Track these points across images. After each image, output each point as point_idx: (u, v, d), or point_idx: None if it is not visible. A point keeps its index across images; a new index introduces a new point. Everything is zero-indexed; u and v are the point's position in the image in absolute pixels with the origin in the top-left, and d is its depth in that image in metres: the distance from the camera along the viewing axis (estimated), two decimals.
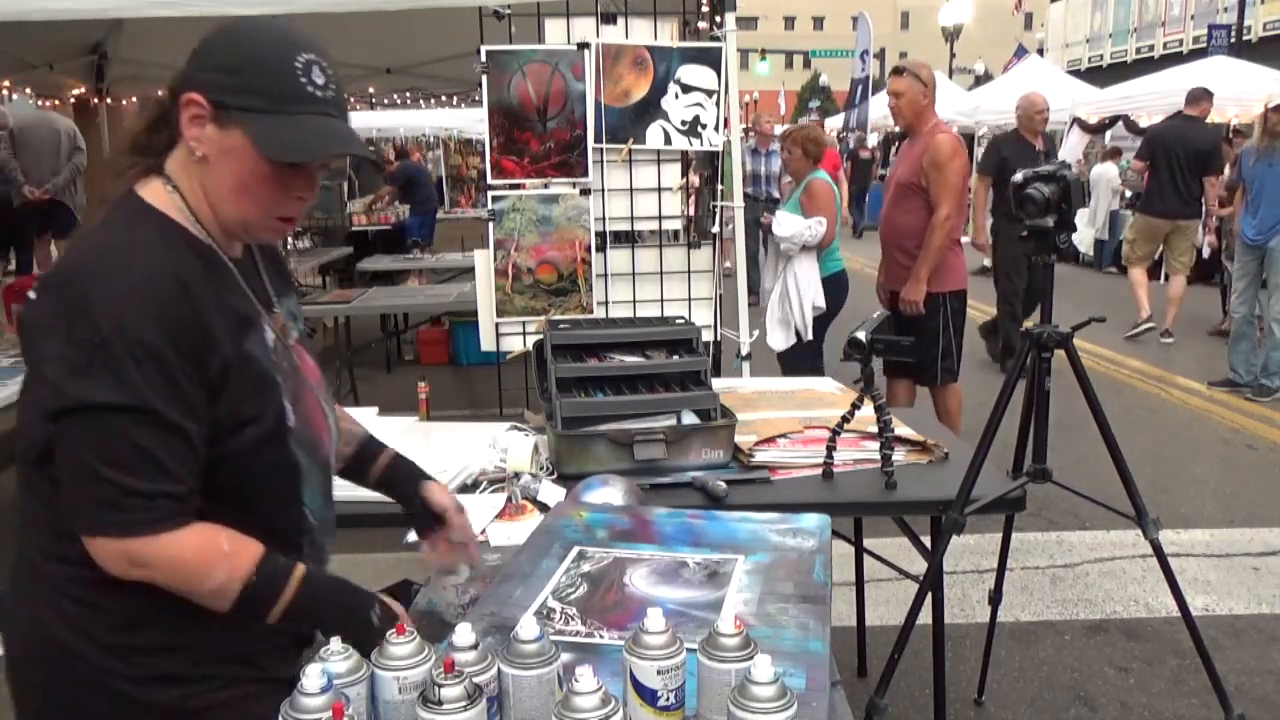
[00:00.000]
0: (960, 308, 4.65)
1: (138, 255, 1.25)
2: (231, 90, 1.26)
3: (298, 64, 1.27)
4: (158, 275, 1.24)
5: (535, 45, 3.82)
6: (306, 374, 1.45)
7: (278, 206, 1.33)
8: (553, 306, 3.89)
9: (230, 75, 1.26)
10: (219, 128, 1.27)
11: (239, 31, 1.30)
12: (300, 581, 1.33)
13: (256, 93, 1.26)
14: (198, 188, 1.32)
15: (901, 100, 4.59)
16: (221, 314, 1.29)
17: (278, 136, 1.26)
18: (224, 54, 1.28)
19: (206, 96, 1.26)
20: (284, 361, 1.39)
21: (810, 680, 1.28)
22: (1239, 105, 13.55)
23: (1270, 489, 5.11)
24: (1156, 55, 24.69)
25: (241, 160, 1.28)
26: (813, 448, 2.53)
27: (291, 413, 1.36)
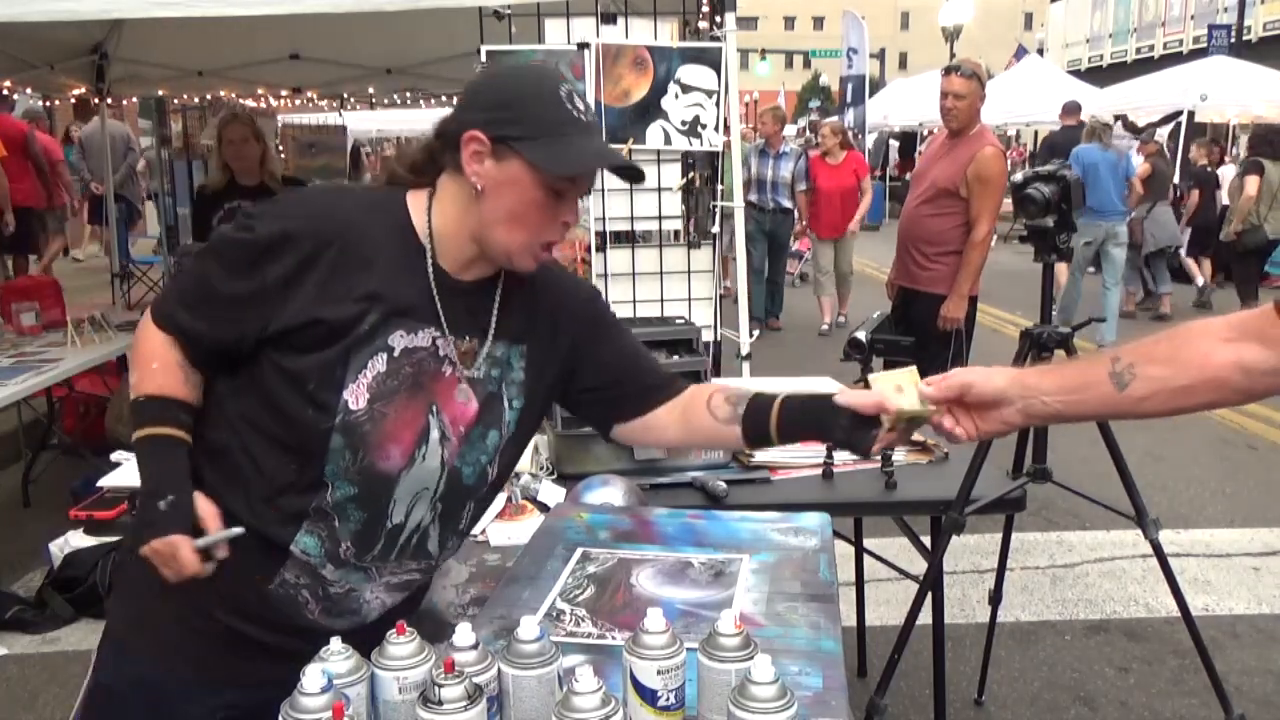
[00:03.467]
0: (972, 313, 4.63)
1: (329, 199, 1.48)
2: (508, 123, 1.36)
3: (562, 93, 1.39)
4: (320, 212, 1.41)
5: (535, 45, 3.82)
6: (439, 400, 1.44)
7: (544, 232, 1.43)
8: None
9: (505, 110, 1.37)
10: (497, 161, 1.37)
11: (505, 71, 1.49)
12: (156, 435, 1.42)
13: (531, 122, 1.36)
14: (457, 212, 1.42)
15: (963, 103, 4.38)
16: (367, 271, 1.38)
17: (555, 156, 1.36)
18: (496, 92, 1.40)
19: (485, 132, 1.36)
20: (411, 367, 1.41)
21: (827, 679, 1.28)
22: (1239, 105, 13.57)
23: (1270, 489, 5.11)
24: (1156, 55, 24.70)
25: (518, 188, 1.37)
26: (813, 447, 2.52)
27: (362, 400, 1.38)
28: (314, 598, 1.46)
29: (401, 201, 1.45)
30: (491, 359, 1.49)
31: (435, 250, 1.43)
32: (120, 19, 5.42)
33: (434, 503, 1.48)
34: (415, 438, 1.43)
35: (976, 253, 4.42)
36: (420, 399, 1.42)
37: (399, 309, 1.40)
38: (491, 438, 1.50)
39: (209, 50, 6.16)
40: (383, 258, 1.40)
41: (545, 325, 1.55)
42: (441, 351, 1.44)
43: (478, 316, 1.48)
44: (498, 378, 1.50)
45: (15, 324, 4.72)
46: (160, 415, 1.42)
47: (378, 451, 1.40)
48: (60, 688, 3.17)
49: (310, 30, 5.61)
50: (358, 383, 1.37)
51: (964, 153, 4.42)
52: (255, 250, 1.37)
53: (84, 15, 3.63)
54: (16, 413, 5.04)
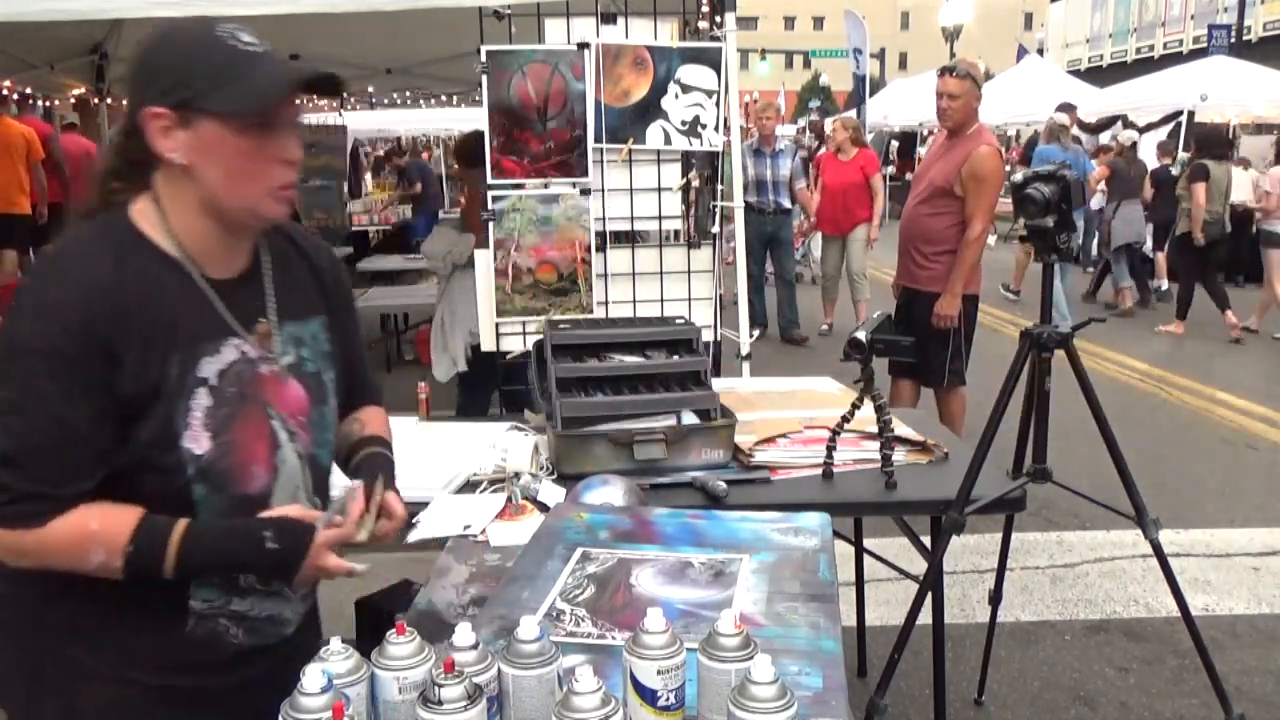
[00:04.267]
0: (973, 312, 4.63)
1: (72, 271, 1.31)
2: (178, 86, 1.29)
3: (221, 33, 1.31)
4: (75, 289, 1.29)
5: (535, 45, 3.81)
6: (271, 401, 1.41)
7: (270, 177, 1.36)
8: (553, 306, 3.88)
9: (169, 75, 1.30)
10: (187, 128, 1.31)
11: (157, 38, 1.35)
12: (182, 537, 1.31)
13: (200, 75, 1.29)
14: (183, 201, 1.35)
15: (958, 103, 4.43)
16: (149, 325, 1.31)
17: (237, 96, 1.29)
18: (155, 62, 1.33)
19: (162, 105, 1.30)
20: (233, 387, 1.37)
21: (827, 679, 1.28)
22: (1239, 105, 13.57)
23: (1270, 489, 5.11)
24: (1156, 55, 24.70)
25: (221, 146, 1.31)
26: (813, 448, 2.53)
27: (205, 442, 1.33)
28: (235, 625, 1.43)
29: (129, 226, 1.35)
30: (293, 340, 1.47)
31: (191, 258, 1.37)
32: (120, 19, 5.42)
33: (310, 497, 1.49)
34: (269, 449, 1.41)
35: (970, 251, 4.43)
36: (255, 410, 1.40)
37: (196, 338, 1.35)
38: (328, 415, 1.52)
39: None
40: (151, 297, 1.32)
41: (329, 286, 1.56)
42: (250, 355, 1.40)
43: (256, 304, 1.44)
44: (311, 355, 1.49)
45: None
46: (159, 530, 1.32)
47: (242, 479, 1.38)
48: None
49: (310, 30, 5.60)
50: (191, 428, 1.33)
51: (960, 152, 4.44)
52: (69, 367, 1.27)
53: (84, 15, 3.63)
54: None
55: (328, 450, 1.53)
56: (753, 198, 8.25)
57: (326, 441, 1.52)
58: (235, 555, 1.37)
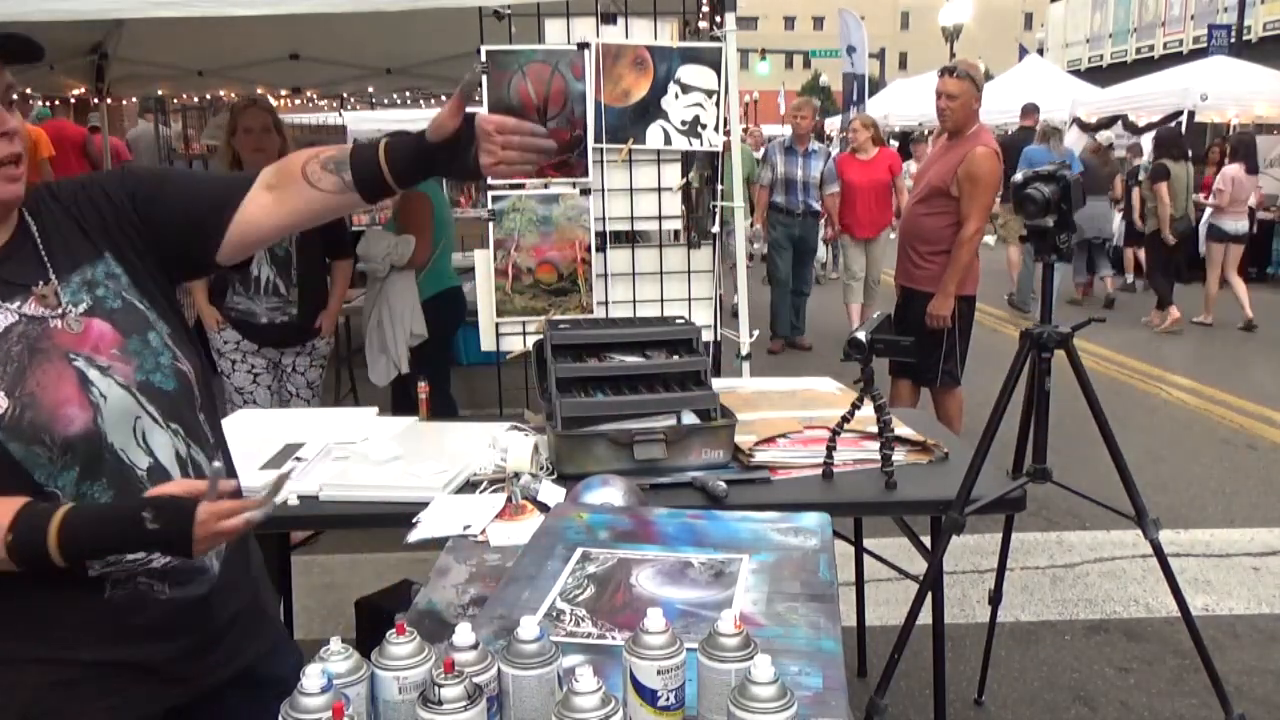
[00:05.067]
0: (969, 312, 4.64)
1: None
2: None
3: None
4: None
5: (535, 45, 3.81)
6: (72, 347, 1.39)
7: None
8: (553, 306, 3.88)
9: None
10: None
11: None
12: (61, 522, 1.28)
13: None
14: None
15: (956, 103, 4.44)
16: None
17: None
18: None
19: None
20: (18, 344, 1.36)
21: (827, 679, 1.28)
22: (1239, 105, 13.56)
23: (1270, 489, 5.11)
24: (1156, 55, 24.67)
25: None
26: (813, 448, 2.53)
27: (3, 400, 1.32)
28: (154, 579, 1.40)
29: None
30: (86, 285, 1.44)
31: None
32: (120, 19, 5.42)
33: (164, 425, 1.44)
34: (79, 390, 1.37)
35: (964, 250, 4.44)
36: (51, 359, 1.37)
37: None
38: (153, 339, 1.46)
39: (209, 50, 6.16)
40: None
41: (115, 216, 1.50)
42: (31, 312, 1.39)
43: (29, 267, 1.41)
44: (112, 293, 1.46)
45: None
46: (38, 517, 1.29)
47: (57, 422, 1.34)
48: None
49: (310, 30, 5.60)
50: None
51: (958, 153, 4.46)
52: None
53: (84, 15, 3.63)
54: None
55: (165, 374, 1.45)
56: (780, 197, 7.97)
57: (159, 366, 1.45)
58: (119, 539, 1.32)
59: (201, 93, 8.17)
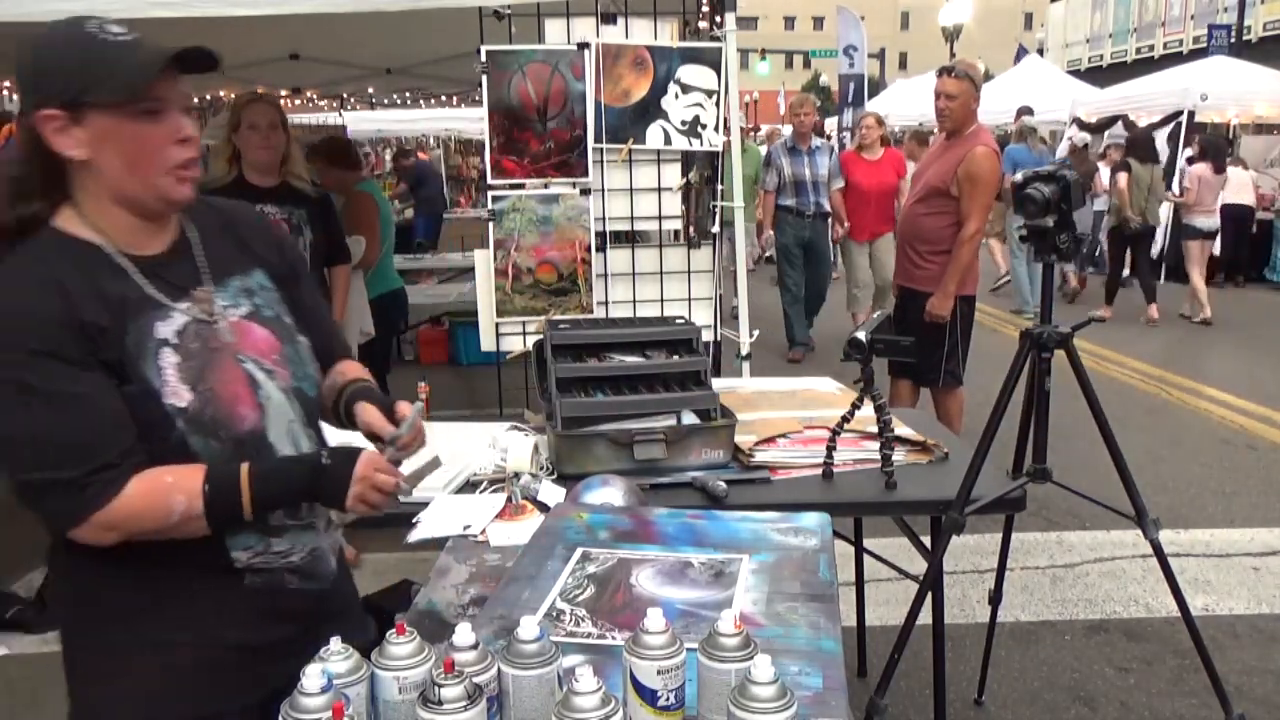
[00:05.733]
0: (969, 312, 4.64)
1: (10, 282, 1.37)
2: (63, 85, 1.35)
3: (90, 29, 1.38)
4: (23, 292, 1.35)
5: (535, 45, 3.82)
6: (239, 348, 1.49)
7: (167, 158, 1.42)
8: (553, 306, 3.88)
9: (47, 76, 1.37)
10: (79, 124, 1.37)
11: (31, 45, 1.41)
12: (249, 473, 1.41)
13: (80, 71, 1.35)
14: (96, 194, 1.42)
15: (955, 103, 4.44)
16: (100, 301, 1.38)
17: (119, 84, 1.35)
18: (34, 66, 1.39)
19: (51, 106, 1.36)
20: (195, 343, 1.44)
21: (827, 679, 1.29)
22: (1239, 105, 13.56)
23: (1270, 489, 5.11)
24: (1156, 55, 24.67)
25: (114, 135, 1.37)
26: (813, 448, 2.53)
27: (185, 395, 1.41)
28: (286, 570, 1.52)
29: (51, 231, 1.41)
30: (243, 291, 1.55)
31: (114, 243, 1.43)
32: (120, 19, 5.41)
33: (305, 429, 1.57)
34: (249, 389, 1.49)
35: (964, 250, 4.44)
36: (224, 359, 1.47)
37: (139, 308, 1.42)
38: (301, 350, 1.59)
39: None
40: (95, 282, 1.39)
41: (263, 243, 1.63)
42: (201, 317, 1.48)
43: (189, 271, 1.50)
44: (266, 303, 1.57)
45: None
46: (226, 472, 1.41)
47: (232, 420, 1.45)
48: (60, 687, 3.16)
49: (310, 30, 5.60)
50: (166, 384, 1.40)
51: (957, 153, 4.45)
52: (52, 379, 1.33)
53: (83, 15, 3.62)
54: None
55: (310, 383, 1.59)
56: (790, 200, 7.62)
57: (307, 375, 1.59)
58: (298, 479, 1.46)
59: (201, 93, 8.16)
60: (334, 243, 4.09)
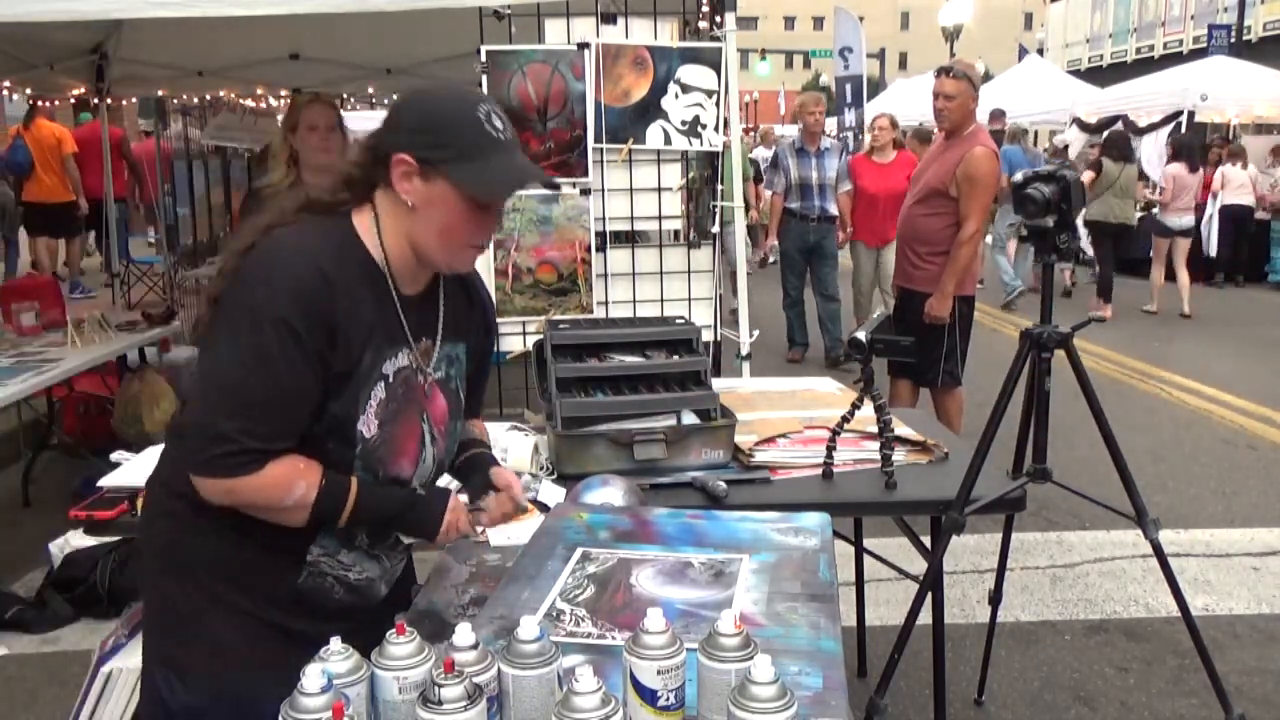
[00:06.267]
0: (968, 312, 4.64)
1: (305, 254, 1.48)
2: (431, 147, 1.48)
3: (480, 114, 1.49)
4: (309, 269, 1.46)
5: (535, 45, 3.82)
6: (426, 407, 1.62)
7: (473, 238, 1.56)
8: (553, 306, 3.89)
9: (427, 134, 1.48)
10: (425, 181, 1.49)
11: (428, 95, 1.57)
12: (357, 485, 1.53)
13: (453, 146, 1.48)
14: (398, 226, 1.54)
15: (954, 103, 4.44)
16: (355, 317, 1.49)
17: (478, 179, 1.48)
18: (419, 117, 1.51)
19: (412, 155, 1.48)
20: (401, 387, 1.56)
21: (827, 679, 1.28)
22: (1239, 105, 13.57)
23: (1270, 489, 5.11)
24: (1156, 55, 24.67)
25: (446, 206, 1.50)
26: (813, 448, 2.53)
27: (374, 428, 1.53)
28: (339, 584, 1.61)
29: (351, 230, 1.54)
30: (446, 358, 1.67)
31: (393, 274, 1.56)
32: (120, 19, 5.41)
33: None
34: (418, 446, 1.61)
35: (963, 251, 4.44)
36: (413, 411, 1.60)
37: (384, 339, 1.54)
38: (459, 428, 1.73)
39: (209, 50, 6.15)
40: (360, 296, 1.51)
41: (479, 319, 1.76)
42: (415, 364, 1.60)
43: (428, 322, 1.64)
44: (455, 374, 1.70)
45: (15, 324, 4.72)
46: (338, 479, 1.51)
47: (393, 467, 1.57)
48: (60, 688, 3.17)
49: (310, 30, 5.60)
50: (367, 413, 1.52)
51: (956, 153, 4.45)
52: (300, 337, 1.43)
53: (84, 15, 3.63)
54: (16, 413, 5.04)
55: (448, 460, 1.73)
56: (795, 203, 7.39)
57: (452, 450, 1.73)
58: (394, 505, 1.58)
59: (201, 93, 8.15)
60: None
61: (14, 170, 9.54)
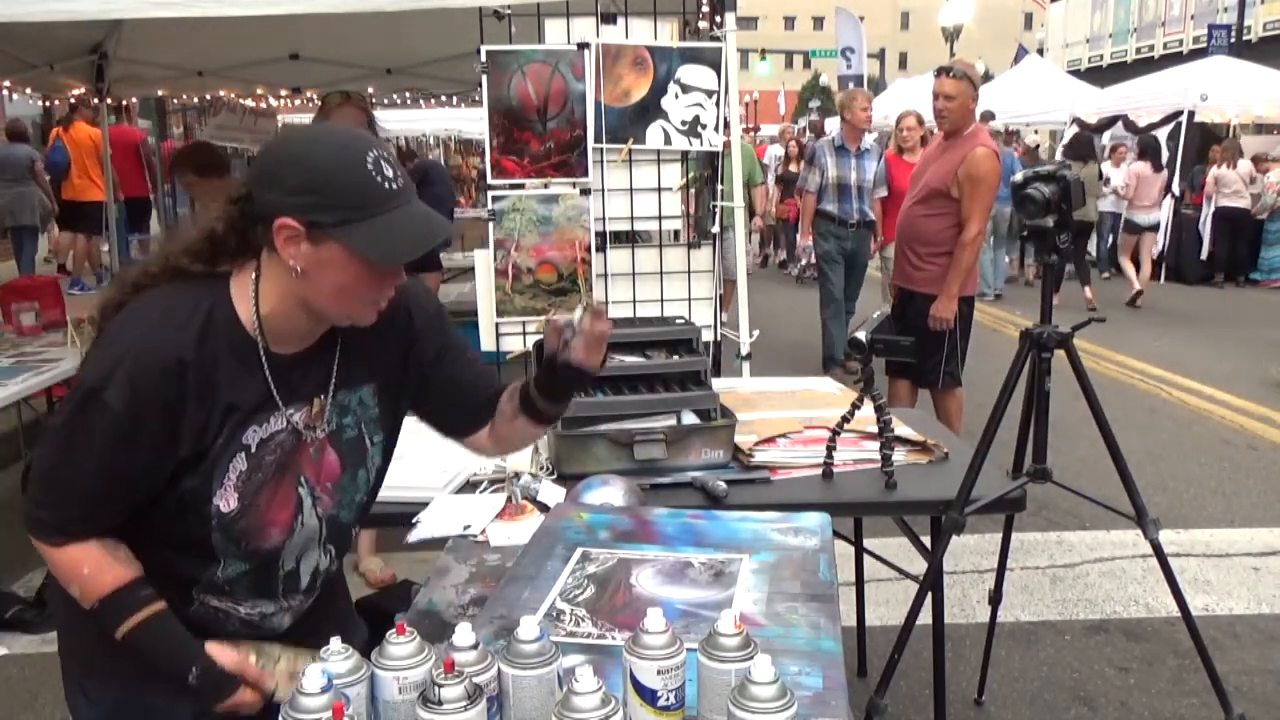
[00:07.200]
0: (969, 313, 4.63)
1: (159, 336, 1.35)
2: (317, 208, 1.30)
3: (368, 165, 1.31)
4: (159, 357, 1.33)
5: (535, 45, 3.82)
6: (305, 470, 1.48)
7: (375, 294, 1.40)
8: (553, 306, 3.88)
9: (311, 194, 1.30)
10: (313, 244, 1.32)
11: (305, 148, 1.36)
12: (140, 623, 1.40)
13: (341, 206, 1.30)
14: (283, 289, 1.38)
15: (954, 104, 4.43)
16: (211, 399, 1.37)
17: (376, 242, 1.32)
18: (300, 174, 1.32)
19: (296, 219, 1.31)
20: (271, 454, 1.44)
21: (827, 679, 1.28)
22: (1239, 105, 13.56)
23: (1270, 489, 5.11)
24: (1156, 55, 24.67)
25: (340, 268, 1.33)
26: (813, 448, 2.53)
27: (232, 502, 1.41)
28: (230, 618, 1.51)
29: (225, 295, 1.40)
30: (340, 408, 1.51)
31: (267, 340, 1.41)
32: (120, 19, 5.41)
33: (323, 546, 1.56)
34: (291, 513, 1.48)
35: (966, 252, 4.44)
36: (288, 478, 1.47)
37: (248, 411, 1.41)
38: (360, 477, 1.57)
39: (209, 50, 6.16)
40: (224, 367, 1.38)
41: (394, 355, 1.57)
42: (296, 426, 1.46)
43: (317, 378, 1.48)
44: (353, 422, 1.54)
45: (15, 324, 4.72)
46: (129, 605, 1.40)
47: (259, 537, 1.45)
48: (60, 688, 3.15)
49: (310, 30, 5.61)
50: (224, 487, 1.40)
51: (957, 154, 4.45)
52: (124, 425, 1.33)
53: (84, 15, 3.63)
54: (16, 413, 5.04)
55: (350, 509, 1.57)
56: (832, 205, 6.94)
57: (351, 503, 1.57)
58: (167, 664, 1.43)
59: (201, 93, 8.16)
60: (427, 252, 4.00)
61: (53, 170, 10.06)
